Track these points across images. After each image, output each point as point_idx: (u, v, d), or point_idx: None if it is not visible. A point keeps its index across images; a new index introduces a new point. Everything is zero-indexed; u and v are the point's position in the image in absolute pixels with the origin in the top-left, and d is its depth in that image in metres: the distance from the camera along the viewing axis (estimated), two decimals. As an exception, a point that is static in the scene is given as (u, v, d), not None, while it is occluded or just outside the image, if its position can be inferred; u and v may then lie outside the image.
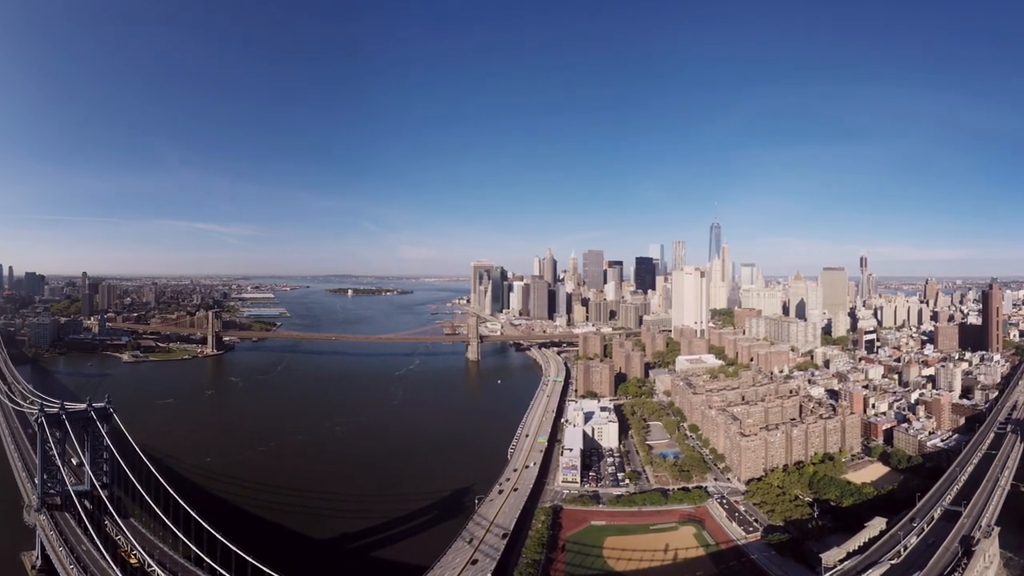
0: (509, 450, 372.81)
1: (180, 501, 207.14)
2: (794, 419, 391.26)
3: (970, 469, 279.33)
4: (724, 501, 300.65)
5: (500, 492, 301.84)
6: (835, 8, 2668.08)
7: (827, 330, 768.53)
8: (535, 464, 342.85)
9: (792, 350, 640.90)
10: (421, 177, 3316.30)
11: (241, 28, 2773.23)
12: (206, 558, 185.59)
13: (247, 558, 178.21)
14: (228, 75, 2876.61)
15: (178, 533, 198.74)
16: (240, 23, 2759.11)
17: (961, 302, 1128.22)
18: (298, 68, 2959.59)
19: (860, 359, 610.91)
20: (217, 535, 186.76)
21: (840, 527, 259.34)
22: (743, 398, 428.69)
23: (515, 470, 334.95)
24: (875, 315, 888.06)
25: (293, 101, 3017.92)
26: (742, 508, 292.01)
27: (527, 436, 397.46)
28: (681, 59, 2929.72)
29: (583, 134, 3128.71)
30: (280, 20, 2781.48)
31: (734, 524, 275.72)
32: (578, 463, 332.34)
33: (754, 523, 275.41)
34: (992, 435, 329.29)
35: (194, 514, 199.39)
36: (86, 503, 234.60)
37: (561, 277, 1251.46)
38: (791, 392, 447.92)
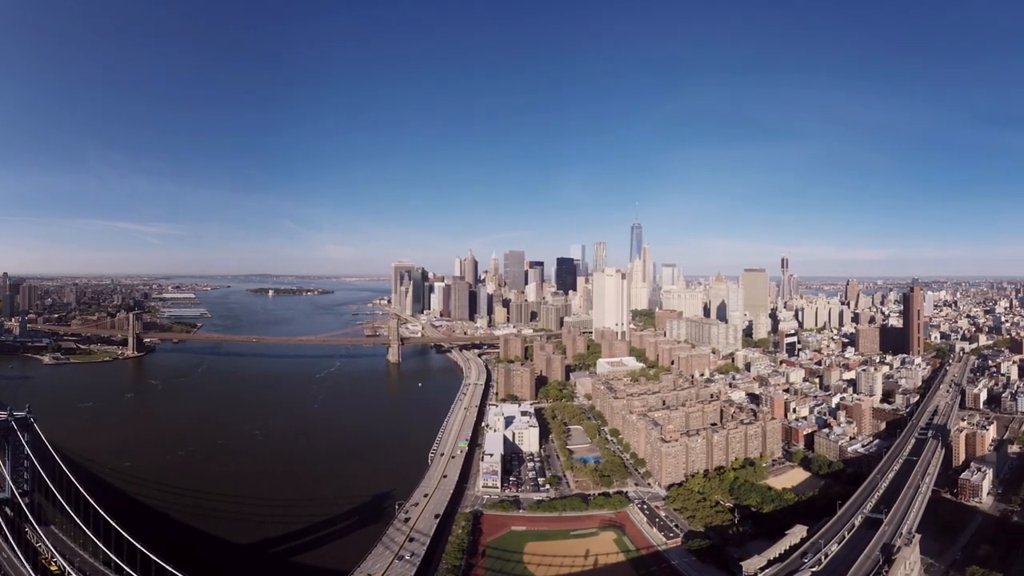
0: (430, 455, 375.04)
1: (98, 508, 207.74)
2: (715, 424, 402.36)
3: (891, 476, 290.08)
4: (645, 506, 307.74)
5: (421, 497, 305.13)
6: (755, 9, 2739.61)
7: (748, 332, 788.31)
8: (456, 469, 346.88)
9: (713, 352, 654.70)
10: (343, 176, 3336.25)
11: (161, 28, 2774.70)
12: (125, 566, 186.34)
13: (164, 565, 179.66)
14: (149, 76, 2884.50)
15: (96, 541, 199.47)
16: (160, 24, 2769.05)
17: (882, 303, 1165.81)
18: (218, 69, 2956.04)
19: (781, 362, 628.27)
20: (135, 543, 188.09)
21: (761, 533, 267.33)
22: (664, 403, 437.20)
23: (436, 475, 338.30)
24: (796, 317, 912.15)
25: (213, 102, 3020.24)
26: (663, 513, 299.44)
27: (448, 440, 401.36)
28: (602, 58, 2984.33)
29: (504, 134, 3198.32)
30: (200, 21, 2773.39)
31: (655, 530, 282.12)
32: (499, 468, 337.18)
33: (675, 529, 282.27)
34: (913, 441, 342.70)
35: (111, 521, 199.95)
36: (7, 511, 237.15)
37: (482, 278, 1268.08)
38: (712, 396, 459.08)
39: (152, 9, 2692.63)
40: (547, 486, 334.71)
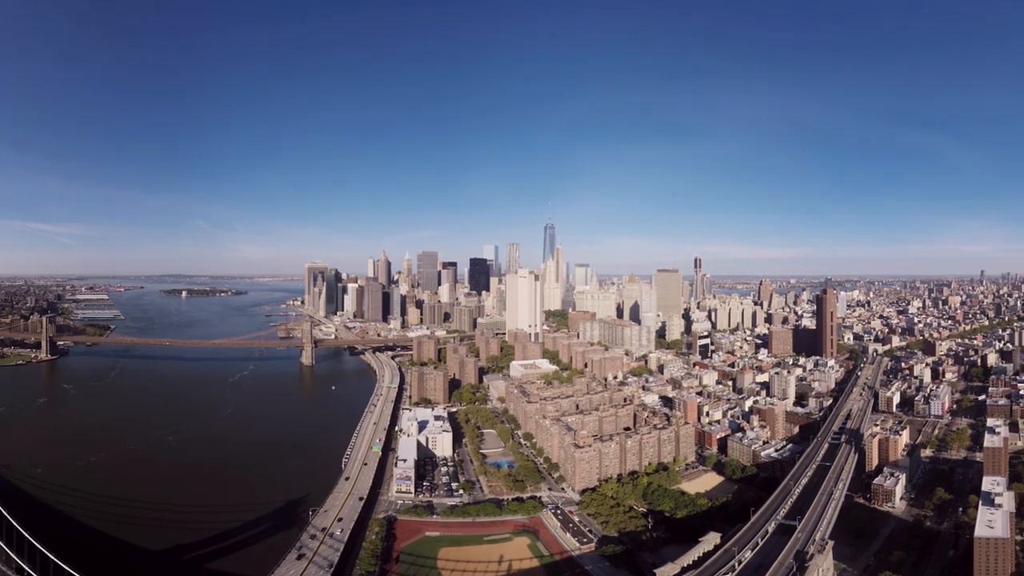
0: (344, 459, 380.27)
1: (5, 514, 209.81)
2: (629, 428, 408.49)
3: (804, 481, 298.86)
4: (558, 511, 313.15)
5: (335, 503, 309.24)
6: (666, 11, 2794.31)
7: (661, 333, 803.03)
8: (369, 474, 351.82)
9: (626, 354, 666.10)
10: (255, 176, 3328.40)
11: (66, 33, 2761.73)
12: (35, 574, 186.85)
13: (74, 574, 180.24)
14: (59, 77, 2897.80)
15: (7, 549, 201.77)
16: (65, 29, 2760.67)
17: (795, 303, 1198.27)
18: (128, 68, 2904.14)
19: (695, 364, 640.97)
20: (45, 551, 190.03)
21: (674, 538, 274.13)
22: (578, 407, 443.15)
23: (350, 480, 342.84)
24: (709, 317, 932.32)
25: (125, 101, 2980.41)
26: (576, 519, 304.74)
27: (362, 445, 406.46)
28: (512, 58, 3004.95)
29: (415, 132, 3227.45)
30: (107, 18, 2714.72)
31: (568, 535, 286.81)
32: (412, 473, 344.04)
33: (588, 534, 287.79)
34: (827, 445, 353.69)
35: (19, 527, 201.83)
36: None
37: (395, 279, 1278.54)
38: (626, 400, 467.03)
39: (57, 17, 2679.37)
40: (461, 491, 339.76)
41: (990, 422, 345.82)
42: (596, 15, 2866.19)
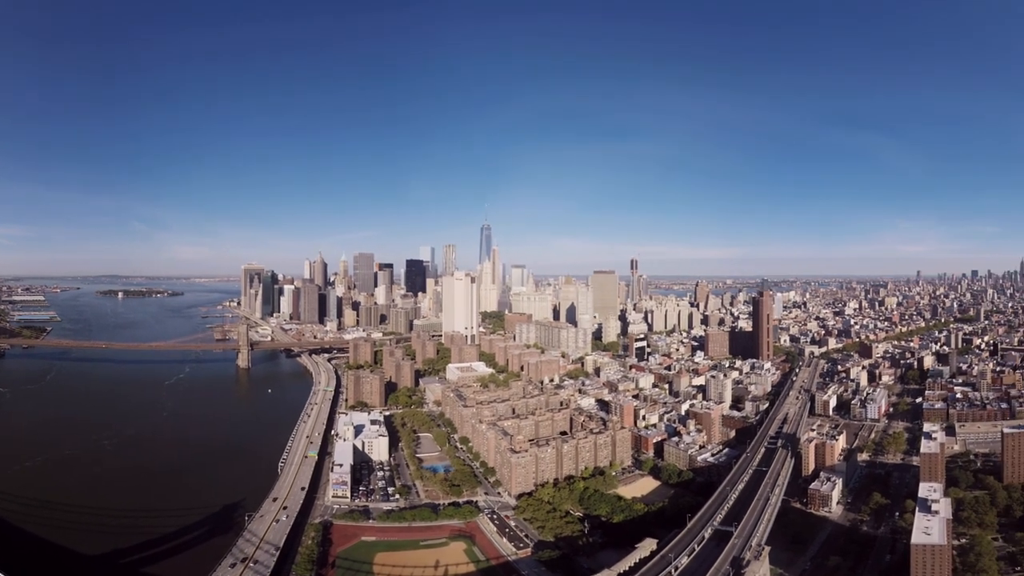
0: (280, 463, 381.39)
1: None
2: (565, 432, 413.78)
3: (741, 487, 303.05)
4: (495, 516, 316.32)
5: (271, 507, 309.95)
6: (602, 10, 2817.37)
7: (598, 335, 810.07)
8: (306, 479, 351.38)
9: (563, 356, 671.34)
10: (190, 177, 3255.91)
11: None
12: None
13: None
14: None
15: None
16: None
17: (732, 304, 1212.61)
18: (60, 65, 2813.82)
19: (631, 367, 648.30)
20: None
21: (611, 543, 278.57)
22: (514, 411, 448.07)
23: (286, 485, 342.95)
24: (646, 319, 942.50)
25: (60, 101, 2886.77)
26: (513, 523, 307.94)
27: (298, 449, 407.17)
28: (447, 57, 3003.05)
29: (350, 132, 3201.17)
30: (41, 18, 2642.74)
31: (504, 540, 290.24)
32: (348, 478, 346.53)
33: (525, 539, 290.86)
34: (763, 450, 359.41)
35: None
36: None
37: (332, 280, 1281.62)
38: (562, 404, 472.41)
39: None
40: (397, 496, 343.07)
41: (927, 427, 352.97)
42: (533, 17, 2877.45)
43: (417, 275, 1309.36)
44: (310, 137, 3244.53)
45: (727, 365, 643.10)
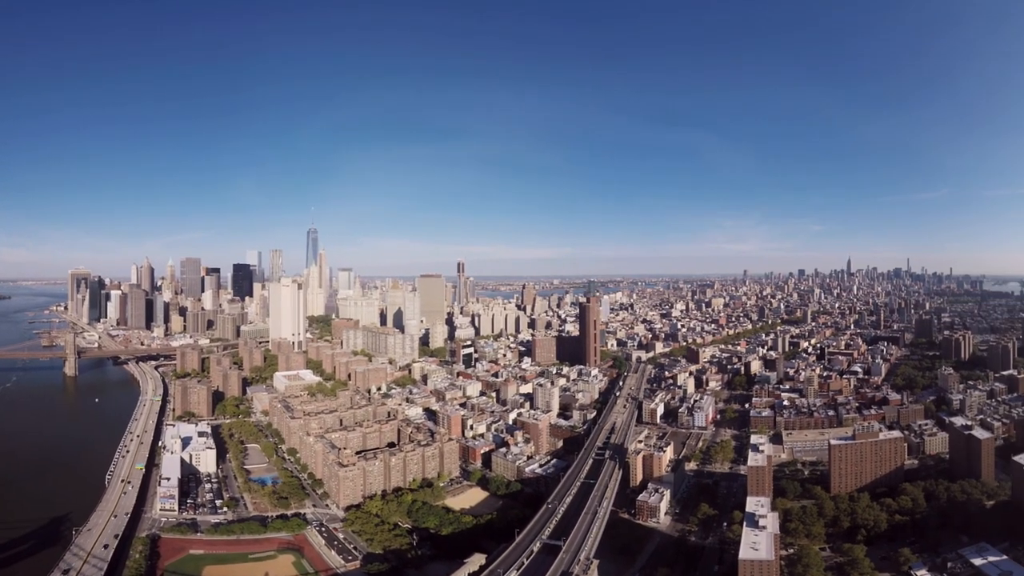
0: (107, 476, 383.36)
1: None
2: (393, 444, 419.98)
3: (569, 499, 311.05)
4: (323, 529, 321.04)
5: (98, 521, 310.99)
6: (428, 7, 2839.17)
7: (425, 340, 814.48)
8: (133, 491, 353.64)
9: (390, 363, 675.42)
10: (11, 174, 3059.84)
11: None
12: None
13: None
14: None
15: None
16: None
17: (559, 306, 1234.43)
18: None
19: (458, 374, 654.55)
20: None
21: (440, 555, 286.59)
22: (341, 422, 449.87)
23: (113, 497, 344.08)
24: (473, 323, 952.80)
25: None
26: (341, 536, 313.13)
27: (125, 461, 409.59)
28: (269, 59, 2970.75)
29: (170, 130, 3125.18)
30: None
31: (333, 552, 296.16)
32: (176, 492, 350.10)
33: (353, 551, 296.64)
34: (591, 461, 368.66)
35: None
36: None
37: (159, 285, 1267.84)
38: (389, 415, 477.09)
39: None
40: (225, 508, 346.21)
41: (754, 439, 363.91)
42: (357, 14, 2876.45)
43: (244, 279, 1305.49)
44: (127, 133, 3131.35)
45: (554, 372, 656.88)
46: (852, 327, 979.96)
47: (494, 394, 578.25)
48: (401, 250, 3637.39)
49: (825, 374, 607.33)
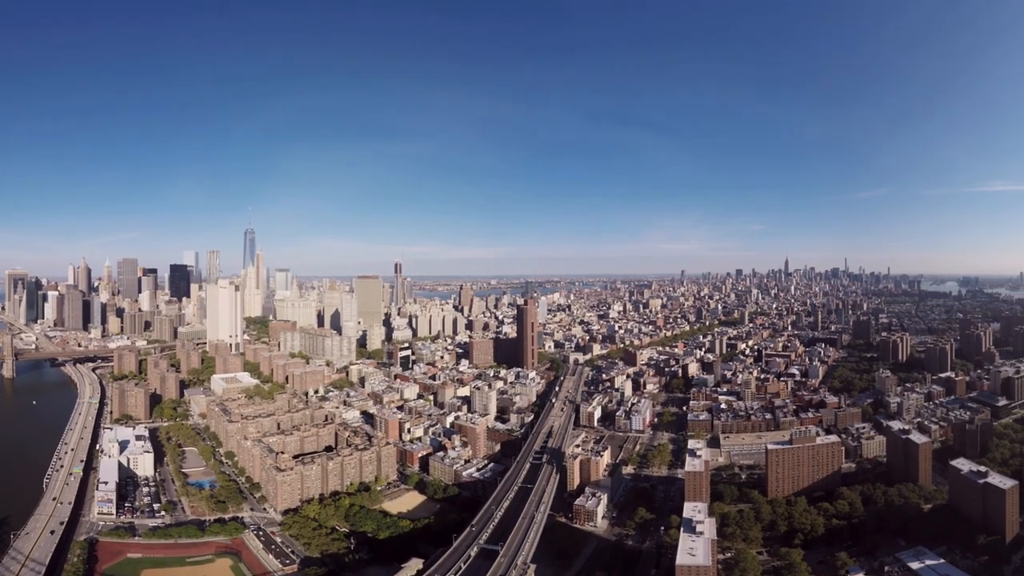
0: (45, 480, 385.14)
1: None
2: (330, 447, 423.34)
3: (507, 504, 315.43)
4: (261, 532, 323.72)
5: (36, 525, 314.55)
6: (369, 6, 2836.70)
7: (363, 342, 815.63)
8: (71, 495, 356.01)
9: (328, 365, 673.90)
10: None
11: None
12: None
13: None
14: None
15: None
16: None
17: (496, 307, 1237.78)
18: None
19: (396, 376, 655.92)
20: None
21: (378, 559, 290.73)
22: (279, 426, 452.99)
23: (51, 502, 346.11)
24: (410, 324, 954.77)
25: None
26: (279, 540, 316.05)
27: (63, 465, 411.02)
28: (211, 52, 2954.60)
29: (100, 124, 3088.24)
30: None
31: (271, 556, 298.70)
32: (114, 496, 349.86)
33: (291, 555, 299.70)
34: (529, 465, 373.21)
35: None
36: None
37: (96, 285, 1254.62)
38: (327, 418, 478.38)
39: None
40: (163, 512, 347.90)
41: (691, 443, 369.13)
42: (293, 15, 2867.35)
43: (181, 280, 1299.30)
44: (63, 130, 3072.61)
45: (492, 374, 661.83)
46: (790, 328, 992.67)
47: (432, 397, 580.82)
48: (340, 250, 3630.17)
49: (763, 377, 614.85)
